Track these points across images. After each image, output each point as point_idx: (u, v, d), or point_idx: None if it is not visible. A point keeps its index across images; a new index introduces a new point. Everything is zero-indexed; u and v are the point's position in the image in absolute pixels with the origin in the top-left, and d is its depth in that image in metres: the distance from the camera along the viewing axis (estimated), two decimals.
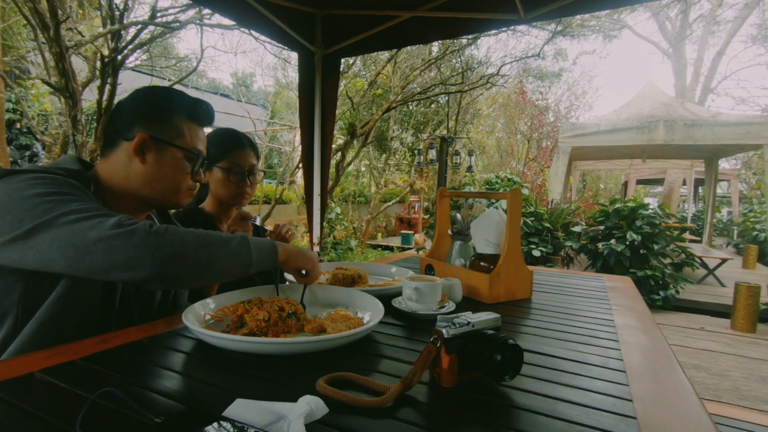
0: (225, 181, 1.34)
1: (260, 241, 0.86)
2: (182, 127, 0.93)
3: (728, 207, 15.65)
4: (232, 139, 1.38)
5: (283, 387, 0.61)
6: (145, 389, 0.58)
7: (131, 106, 0.92)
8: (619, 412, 0.58)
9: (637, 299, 1.33)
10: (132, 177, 0.90)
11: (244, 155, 1.36)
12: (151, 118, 0.91)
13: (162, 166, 0.91)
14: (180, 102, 0.94)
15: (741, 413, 1.57)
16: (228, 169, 1.33)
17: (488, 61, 10.03)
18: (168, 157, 0.92)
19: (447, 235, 1.47)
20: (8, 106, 6.91)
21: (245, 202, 1.42)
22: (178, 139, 0.92)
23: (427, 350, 0.63)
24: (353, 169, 12.87)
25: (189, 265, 0.74)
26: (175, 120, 0.92)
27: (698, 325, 4.26)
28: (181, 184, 0.95)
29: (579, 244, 5.47)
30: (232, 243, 0.81)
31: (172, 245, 0.73)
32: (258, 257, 0.83)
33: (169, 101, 0.94)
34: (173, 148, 0.91)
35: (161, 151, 0.91)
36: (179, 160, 0.93)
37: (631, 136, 6.20)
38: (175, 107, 0.93)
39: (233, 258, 0.80)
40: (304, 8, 2.61)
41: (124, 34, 4.91)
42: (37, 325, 0.77)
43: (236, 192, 1.36)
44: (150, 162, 0.90)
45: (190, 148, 0.93)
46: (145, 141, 0.89)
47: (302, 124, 2.89)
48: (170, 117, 0.92)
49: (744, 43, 31.68)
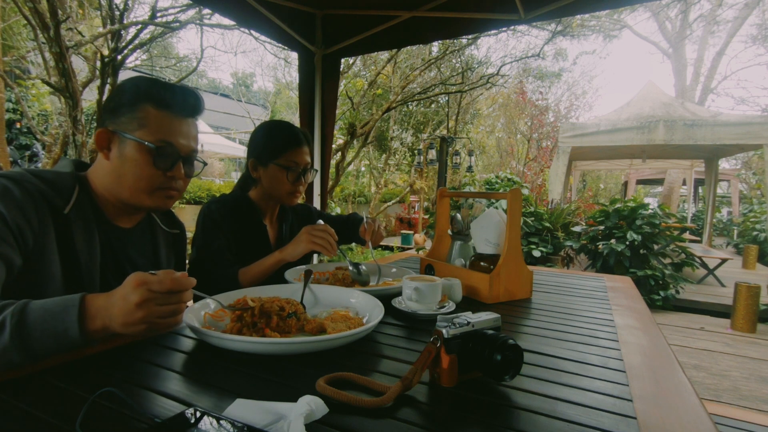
0: (282, 179, 1.29)
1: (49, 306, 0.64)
2: (146, 117, 0.85)
3: (728, 207, 15.65)
4: (290, 135, 1.32)
5: (283, 387, 0.61)
6: (145, 389, 0.58)
7: (106, 100, 0.89)
8: (619, 412, 0.58)
9: (637, 299, 1.33)
10: (105, 175, 0.87)
11: (301, 153, 1.32)
12: (114, 110, 0.86)
13: (123, 161, 0.85)
14: (147, 90, 0.86)
15: (741, 413, 1.57)
16: (287, 168, 1.29)
17: (488, 61, 10.04)
18: (128, 151, 0.84)
19: (447, 235, 1.47)
20: (8, 106, 6.91)
21: (296, 202, 1.38)
22: (139, 130, 0.84)
23: (427, 350, 0.63)
24: (353, 169, 12.87)
25: None
26: (138, 110, 0.85)
27: (698, 325, 4.26)
28: (148, 181, 0.86)
29: (579, 244, 5.47)
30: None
31: None
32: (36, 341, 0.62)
33: (136, 90, 0.86)
34: (131, 141, 0.84)
35: (122, 144, 0.85)
36: (139, 153, 0.84)
37: (631, 136, 6.20)
38: (139, 96, 0.85)
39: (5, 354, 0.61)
40: (304, 8, 2.61)
41: (124, 34, 4.91)
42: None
43: (291, 190, 1.32)
44: (113, 157, 0.85)
45: (152, 140, 0.84)
46: (105, 134, 0.84)
47: (302, 124, 2.89)
48: (133, 107, 0.85)
49: (744, 43, 31.74)
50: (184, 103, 0.89)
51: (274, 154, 1.30)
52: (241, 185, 1.39)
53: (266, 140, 1.33)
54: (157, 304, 0.64)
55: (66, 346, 0.63)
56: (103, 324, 0.65)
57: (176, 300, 0.67)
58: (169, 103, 0.87)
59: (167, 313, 0.66)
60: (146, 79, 0.88)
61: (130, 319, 0.63)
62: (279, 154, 1.29)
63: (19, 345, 0.60)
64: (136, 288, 0.63)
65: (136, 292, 0.63)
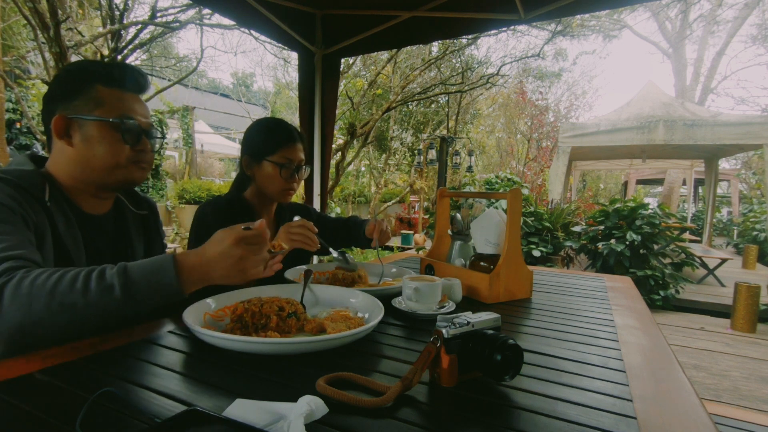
0: (276, 176, 1.29)
1: (147, 267, 0.71)
2: (100, 97, 0.86)
3: (728, 207, 15.65)
4: (283, 132, 1.32)
5: (283, 387, 0.61)
6: (145, 389, 0.58)
7: (49, 92, 0.88)
8: (619, 412, 0.58)
9: (637, 299, 1.33)
10: (69, 164, 0.87)
11: (295, 150, 1.31)
12: (65, 97, 0.85)
13: (90, 143, 0.86)
14: (92, 71, 0.87)
15: (741, 413, 1.57)
16: (280, 164, 1.28)
17: (488, 61, 10.03)
18: (92, 132, 0.85)
19: (447, 235, 1.47)
20: (8, 106, 6.91)
21: (289, 199, 1.38)
22: (97, 110, 0.85)
23: (427, 350, 0.63)
24: (353, 169, 12.87)
25: (42, 335, 0.66)
26: (90, 91, 0.85)
27: (698, 325, 4.26)
28: (117, 157, 0.88)
29: (579, 244, 5.46)
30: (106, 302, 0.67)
31: (17, 316, 0.63)
32: (144, 295, 0.69)
33: (79, 74, 0.87)
34: (93, 122, 0.85)
35: (84, 128, 0.85)
36: (105, 132, 0.86)
37: (631, 136, 6.20)
38: (87, 78, 0.86)
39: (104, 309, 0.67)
40: (304, 8, 2.61)
41: (124, 34, 4.91)
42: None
43: (285, 187, 1.32)
44: (77, 143, 0.86)
45: (113, 116, 0.86)
46: (62, 122, 0.84)
47: (302, 124, 2.89)
48: (84, 90, 0.85)
49: (744, 43, 31.71)
50: (130, 78, 0.90)
51: (267, 150, 1.29)
52: (237, 185, 1.39)
53: (259, 137, 1.33)
54: (254, 255, 0.74)
55: (168, 297, 0.72)
56: (200, 278, 0.73)
57: (265, 248, 0.77)
58: (117, 80, 0.88)
59: (260, 262, 0.76)
60: (88, 61, 0.92)
61: (232, 271, 0.73)
62: (272, 151, 1.29)
63: (129, 301, 0.68)
64: (236, 244, 0.72)
65: (238, 247, 0.72)
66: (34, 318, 0.64)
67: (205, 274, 0.73)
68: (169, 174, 10.81)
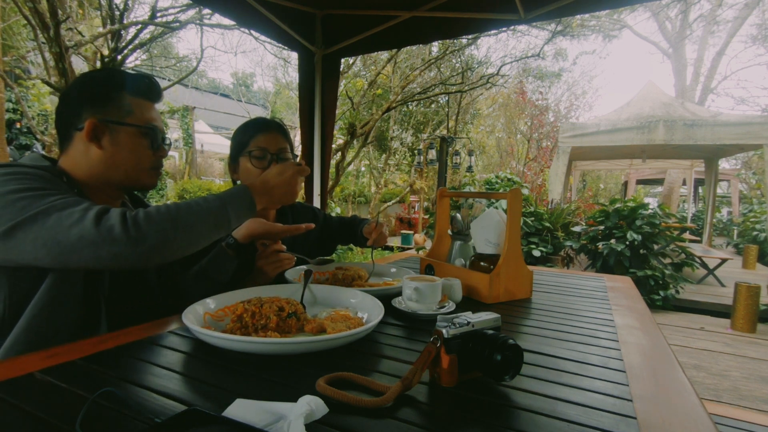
0: (252, 170, 1.22)
1: (232, 193, 0.87)
2: (130, 104, 0.91)
3: (728, 207, 15.65)
4: (254, 123, 1.27)
5: (283, 387, 0.61)
6: (145, 389, 0.58)
7: (75, 95, 0.91)
8: (619, 412, 0.58)
9: (637, 299, 1.33)
10: (94, 165, 0.90)
11: (269, 138, 1.24)
12: (96, 101, 0.89)
13: (119, 147, 0.91)
14: (121, 80, 0.93)
15: (741, 413, 1.57)
16: (256, 156, 1.22)
17: (488, 61, 10.04)
18: (123, 137, 0.91)
19: (447, 235, 1.47)
20: (8, 106, 6.91)
21: None
22: (129, 117, 0.91)
23: (427, 350, 0.63)
24: (353, 169, 12.87)
25: (173, 249, 0.76)
26: (121, 99, 0.91)
27: (698, 325, 4.26)
28: (143, 162, 0.95)
29: (579, 244, 5.46)
30: (210, 208, 0.81)
31: (152, 236, 0.73)
32: (236, 212, 0.85)
33: (111, 81, 0.92)
34: (126, 127, 0.91)
35: (114, 132, 0.90)
36: (135, 138, 0.92)
37: (631, 136, 6.20)
38: (118, 86, 0.92)
39: (215, 223, 0.81)
40: (304, 8, 2.61)
41: (124, 34, 4.91)
42: (27, 321, 0.76)
43: None
44: (107, 146, 0.90)
45: (143, 123, 0.92)
46: (96, 126, 0.88)
47: (302, 124, 2.89)
48: (115, 96, 0.90)
49: (744, 43, 31.68)
50: (151, 89, 0.96)
51: (241, 147, 1.24)
52: None
53: (235, 137, 1.28)
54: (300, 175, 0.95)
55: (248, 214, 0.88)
56: (267, 199, 0.91)
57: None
58: (141, 90, 0.94)
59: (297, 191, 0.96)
60: (115, 69, 1.00)
61: (289, 187, 0.93)
62: (246, 144, 1.24)
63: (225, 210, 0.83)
64: (286, 167, 0.93)
65: (289, 168, 0.93)
66: (166, 234, 0.74)
67: (267, 195, 0.90)
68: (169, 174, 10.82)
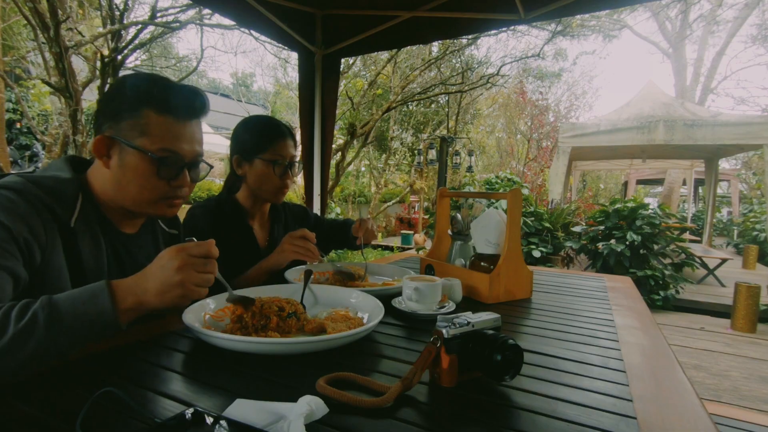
0: (269, 174, 1.24)
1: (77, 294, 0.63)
2: (149, 124, 0.79)
3: (728, 207, 15.65)
4: (273, 128, 1.28)
5: (283, 387, 0.61)
6: (145, 389, 0.58)
7: (103, 101, 0.82)
8: (619, 412, 0.58)
9: (637, 299, 1.33)
10: (105, 182, 0.83)
11: (286, 146, 1.27)
12: (115, 115, 0.79)
13: (124, 170, 0.80)
14: (148, 92, 0.80)
15: (741, 413, 1.57)
16: (273, 161, 1.24)
17: (488, 61, 10.04)
18: (129, 160, 0.80)
19: (447, 235, 1.47)
20: (8, 106, 6.92)
21: (282, 198, 1.34)
22: (140, 138, 0.79)
23: (427, 350, 0.63)
24: (353, 169, 12.87)
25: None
26: (139, 116, 0.79)
27: (698, 325, 4.26)
28: (151, 192, 0.82)
29: (579, 244, 5.46)
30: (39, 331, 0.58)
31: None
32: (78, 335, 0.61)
33: (136, 92, 0.80)
34: (133, 150, 0.79)
35: (123, 152, 0.80)
36: (141, 163, 0.80)
37: (631, 136, 6.20)
38: (140, 99, 0.79)
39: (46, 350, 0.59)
40: (304, 8, 2.61)
41: (124, 34, 4.91)
42: None
43: (279, 186, 1.28)
44: (113, 166, 0.80)
45: (154, 149, 0.79)
46: (104, 141, 0.79)
47: (302, 124, 2.89)
48: (135, 112, 0.79)
49: (744, 43, 31.66)
50: (186, 105, 0.83)
51: (258, 148, 1.25)
52: (229, 187, 1.35)
53: (249, 135, 1.29)
54: (195, 270, 0.67)
55: (101, 330, 0.63)
56: (137, 300, 0.66)
57: (210, 268, 0.69)
58: (171, 106, 0.81)
59: (201, 281, 0.68)
60: (147, 78, 0.82)
61: (168, 285, 0.65)
62: (264, 149, 1.25)
63: (55, 337, 0.59)
64: (176, 254, 0.66)
65: (177, 257, 0.66)
66: None
67: (140, 294, 0.65)
68: None
